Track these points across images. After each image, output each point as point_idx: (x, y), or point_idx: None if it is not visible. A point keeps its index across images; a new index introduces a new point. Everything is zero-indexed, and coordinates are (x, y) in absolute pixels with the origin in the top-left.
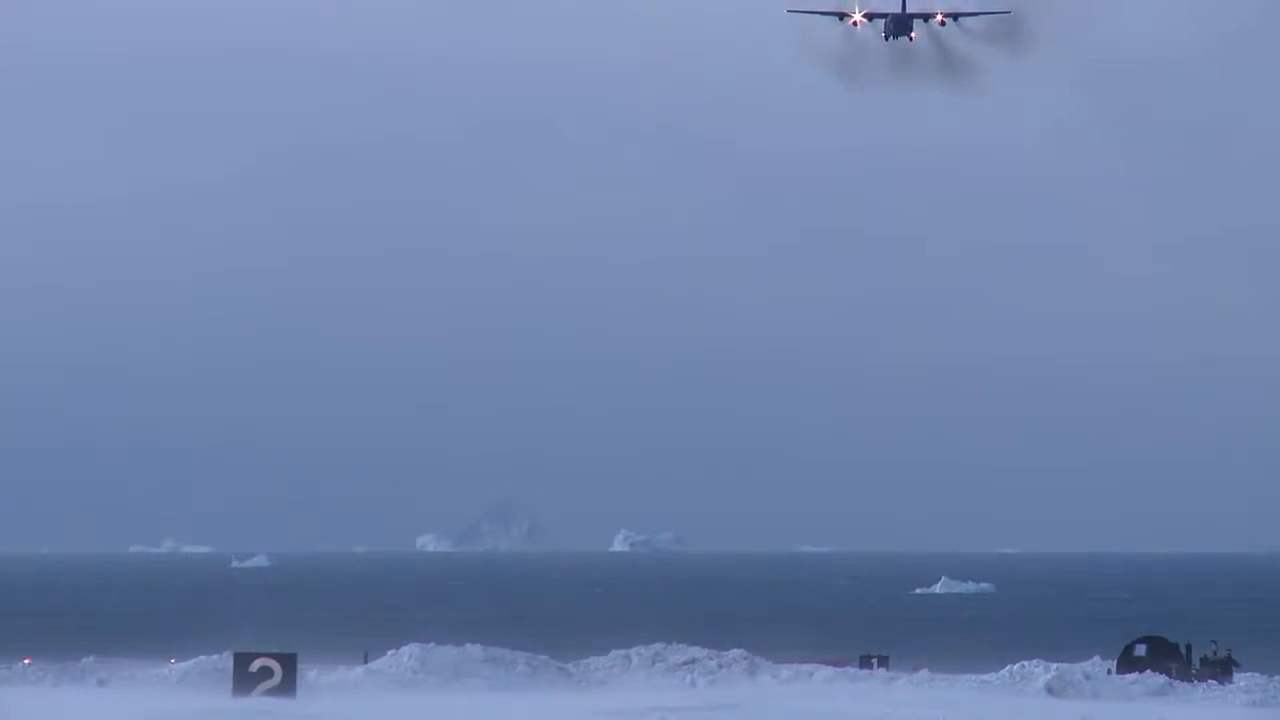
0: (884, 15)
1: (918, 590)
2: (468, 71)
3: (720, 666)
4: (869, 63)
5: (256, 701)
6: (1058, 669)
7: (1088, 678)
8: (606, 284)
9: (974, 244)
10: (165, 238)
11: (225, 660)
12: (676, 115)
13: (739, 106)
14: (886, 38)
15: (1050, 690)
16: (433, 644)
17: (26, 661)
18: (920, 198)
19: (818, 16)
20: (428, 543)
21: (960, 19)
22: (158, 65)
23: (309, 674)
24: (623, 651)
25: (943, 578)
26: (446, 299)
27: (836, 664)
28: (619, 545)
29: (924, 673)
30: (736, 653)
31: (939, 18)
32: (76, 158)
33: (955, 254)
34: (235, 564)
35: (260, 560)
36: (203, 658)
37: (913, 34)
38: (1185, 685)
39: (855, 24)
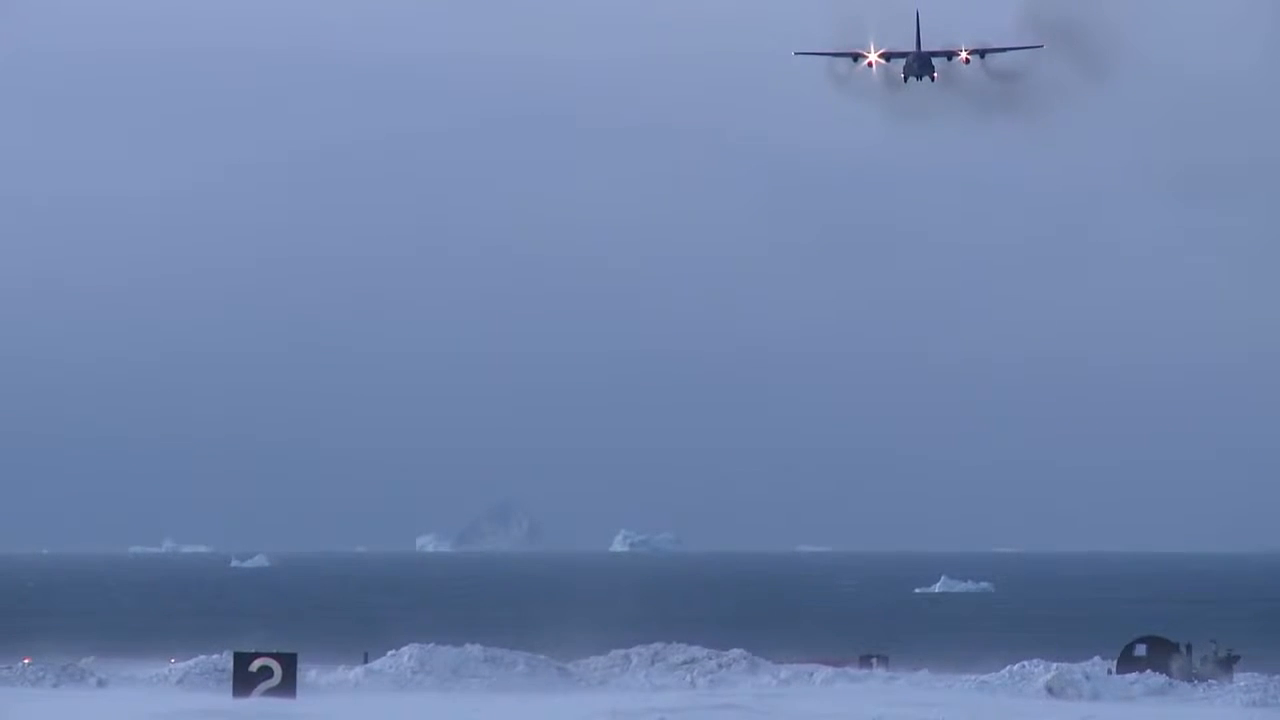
0: (902, 55)
1: (917, 590)
2: (479, 70)
3: (720, 666)
4: (898, 100)
5: (256, 702)
6: (1058, 669)
7: (1088, 678)
8: (606, 284)
9: (977, 245)
10: (166, 237)
11: (225, 660)
12: (693, 113)
13: (761, 104)
14: (906, 79)
15: (1050, 690)
16: (432, 644)
17: (26, 661)
18: (933, 198)
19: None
20: (427, 543)
21: (987, 55)
22: (164, 65)
23: (309, 674)
24: (622, 651)
25: (942, 577)
26: (447, 299)
27: (836, 664)
28: (619, 545)
29: (924, 673)
30: (736, 653)
31: (963, 55)
32: (82, 157)
33: (958, 255)
34: (235, 564)
35: (260, 560)
36: (203, 658)
37: (935, 74)
38: (1185, 685)
39: (870, 65)
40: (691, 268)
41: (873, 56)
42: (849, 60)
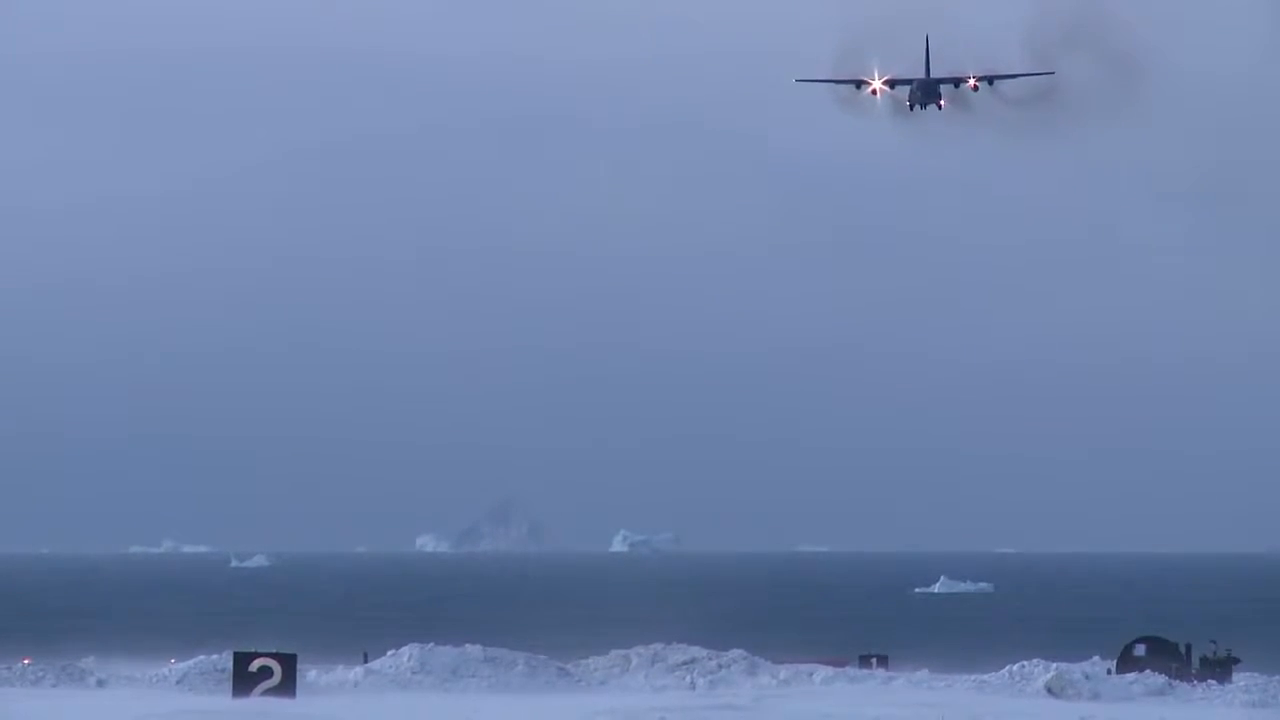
0: (908, 81)
1: (917, 590)
2: (479, 70)
3: (720, 666)
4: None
5: (256, 702)
6: (1057, 669)
7: (1087, 678)
8: (607, 284)
9: (979, 245)
10: (166, 237)
11: (225, 660)
12: (695, 113)
13: (765, 104)
14: (912, 107)
15: (1050, 690)
16: (432, 644)
17: (26, 662)
18: (936, 199)
19: (832, 85)
20: (427, 543)
21: (996, 82)
22: (163, 66)
23: (309, 674)
24: (622, 651)
25: (941, 577)
26: (447, 298)
27: (836, 664)
28: (618, 546)
29: (924, 673)
30: (736, 653)
31: (971, 82)
32: (81, 158)
33: (960, 255)
34: (235, 564)
35: (260, 560)
36: (203, 658)
37: (942, 101)
38: (1185, 685)
39: (875, 93)
40: (692, 268)
41: (877, 84)
42: (852, 87)
